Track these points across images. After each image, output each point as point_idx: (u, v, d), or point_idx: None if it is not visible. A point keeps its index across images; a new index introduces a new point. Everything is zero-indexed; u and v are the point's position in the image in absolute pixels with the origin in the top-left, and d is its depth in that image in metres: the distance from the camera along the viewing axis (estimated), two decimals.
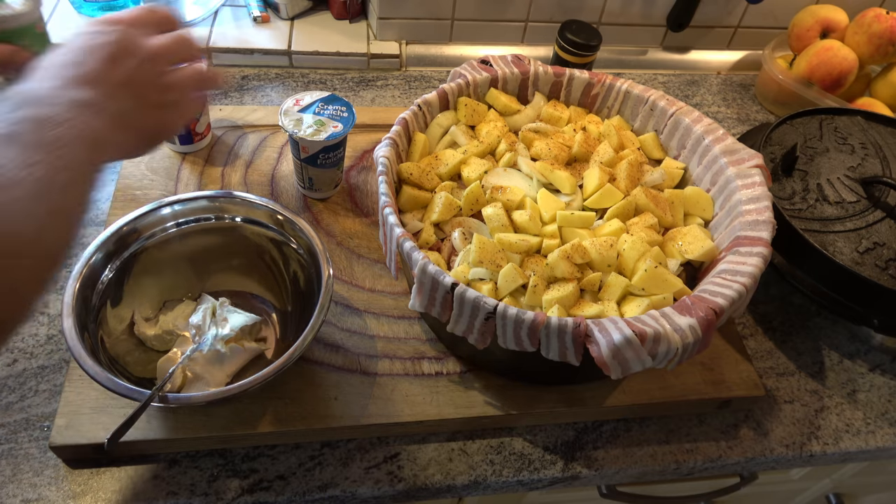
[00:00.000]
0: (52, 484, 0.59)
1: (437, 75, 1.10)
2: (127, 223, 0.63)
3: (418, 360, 0.68)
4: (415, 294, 0.58)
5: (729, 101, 1.15)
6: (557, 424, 0.69)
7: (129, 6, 1.04)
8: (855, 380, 0.78)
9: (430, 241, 0.65)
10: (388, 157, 0.65)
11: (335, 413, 0.63)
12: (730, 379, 0.71)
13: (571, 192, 0.69)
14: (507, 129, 0.75)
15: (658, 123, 0.76)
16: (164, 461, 0.61)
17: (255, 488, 0.61)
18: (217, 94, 0.99)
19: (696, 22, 1.14)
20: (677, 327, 0.53)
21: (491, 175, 0.69)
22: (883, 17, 1.00)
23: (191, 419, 0.61)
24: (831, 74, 1.03)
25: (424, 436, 0.66)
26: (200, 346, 0.63)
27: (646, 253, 0.61)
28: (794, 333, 0.81)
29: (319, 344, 0.68)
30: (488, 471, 0.65)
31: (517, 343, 0.55)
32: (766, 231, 0.61)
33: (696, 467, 0.69)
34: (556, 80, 0.78)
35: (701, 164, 0.71)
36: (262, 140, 0.89)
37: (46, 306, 0.71)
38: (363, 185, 0.86)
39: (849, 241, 0.72)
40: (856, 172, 0.79)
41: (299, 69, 1.06)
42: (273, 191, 0.83)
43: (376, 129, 0.93)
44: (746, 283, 0.56)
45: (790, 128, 0.84)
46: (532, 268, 0.61)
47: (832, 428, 0.73)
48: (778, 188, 0.77)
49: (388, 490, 0.62)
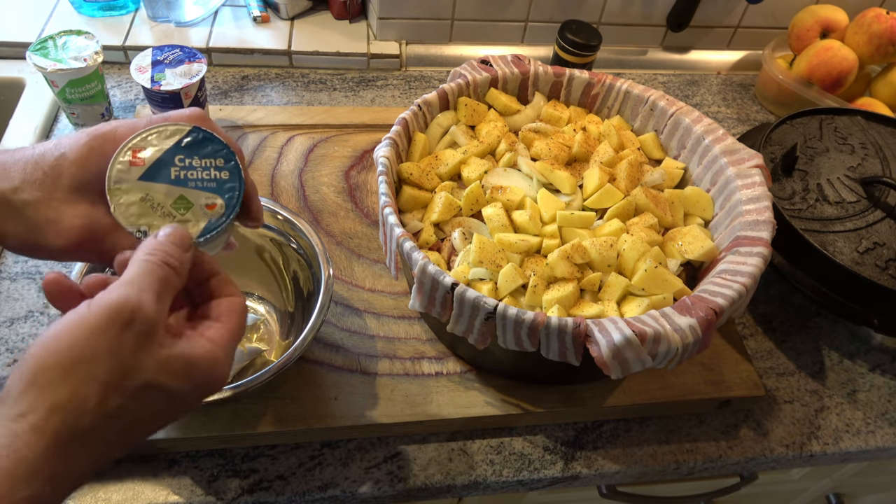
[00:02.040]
0: None
1: (437, 75, 1.10)
2: None
3: (418, 360, 0.68)
4: (415, 294, 0.58)
5: (729, 101, 1.15)
6: (557, 424, 0.69)
7: (128, 7, 1.05)
8: (855, 380, 0.78)
9: (430, 241, 0.65)
10: (388, 157, 0.65)
11: (335, 413, 0.63)
12: (730, 379, 0.71)
13: (571, 192, 0.69)
14: (507, 129, 0.75)
15: (658, 123, 0.76)
16: (164, 461, 0.61)
17: (255, 488, 0.61)
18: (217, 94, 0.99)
19: (696, 22, 1.14)
20: (677, 327, 0.53)
21: (491, 175, 0.69)
22: (883, 17, 1.00)
23: (191, 419, 0.61)
24: (831, 74, 1.03)
25: (424, 436, 0.66)
26: None
27: (646, 253, 0.61)
28: (794, 333, 0.81)
29: (319, 344, 0.68)
30: (488, 471, 0.65)
31: (517, 343, 0.55)
32: (766, 231, 0.61)
33: (696, 467, 0.69)
34: (556, 80, 0.78)
35: (701, 164, 0.71)
36: (262, 140, 0.89)
37: (47, 306, 0.71)
38: (363, 185, 0.86)
39: (849, 241, 0.72)
40: (856, 172, 0.79)
41: (299, 69, 1.06)
42: (273, 191, 0.83)
43: (376, 129, 0.93)
44: (746, 283, 0.56)
45: (790, 128, 0.84)
46: (532, 268, 0.61)
47: (832, 428, 0.73)
48: (778, 188, 0.77)
49: (388, 490, 0.62)
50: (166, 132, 0.43)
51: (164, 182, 0.43)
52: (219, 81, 1.01)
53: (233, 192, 0.44)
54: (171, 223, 0.42)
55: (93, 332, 0.33)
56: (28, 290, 0.72)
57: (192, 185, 0.43)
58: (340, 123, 0.93)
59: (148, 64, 0.80)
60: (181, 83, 0.78)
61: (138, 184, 0.42)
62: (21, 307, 0.71)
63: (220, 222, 0.43)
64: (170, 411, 0.37)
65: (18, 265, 0.74)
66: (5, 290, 0.72)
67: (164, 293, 0.37)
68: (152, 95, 0.79)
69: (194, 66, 0.81)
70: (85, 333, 0.33)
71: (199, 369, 0.37)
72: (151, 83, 0.78)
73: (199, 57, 0.82)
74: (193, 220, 0.43)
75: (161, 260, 0.38)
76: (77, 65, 0.80)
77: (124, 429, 0.35)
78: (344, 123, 0.93)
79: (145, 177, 0.42)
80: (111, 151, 0.41)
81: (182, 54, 0.82)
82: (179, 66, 0.80)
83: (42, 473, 0.31)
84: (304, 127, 0.92)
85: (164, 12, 1.03)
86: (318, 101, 1.01)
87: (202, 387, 0.38)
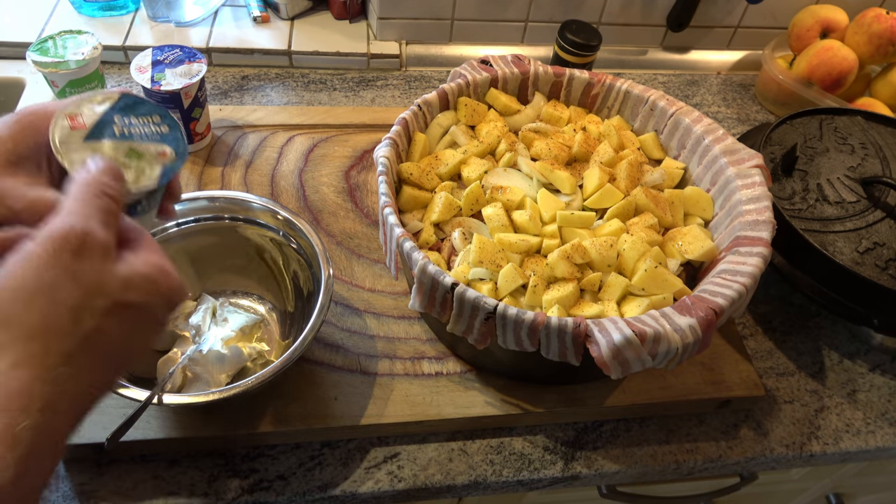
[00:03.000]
0: (52, 484, 0.59)
1: (437, 75, 1.10)
2: None
3: (418, 360, 0.68)
4: (415, 294, 0.58)
5: (729, 101, 1.15)
6: (557, 424, 0.69)
7: (128, 7, 1.05)
8: (855, 380, 0.78)
9: (430, 241, 0.65)
10: (388, 157, 0.65)
11: (335, 413, 0.63)
12: (730, 379, 0.71)
13: (571, 192, 0.69)
14: (507, 129, 0.75)
15: (658, 123, 0.76)
16: (164, 461, 0.61)
17: (255, 488, 0.61)
18: (217, 94, 0.99)
19: (696, 22, 1.14)
20: (677, 327, 0.53)
21: (491, 175, 0.69)
22: (883, 17, 1.00)
23: (191, 419, 0.61)
24: (831, 74, 1.03)
25: (424, 436, 0.66)
26: (200, 346, 0.63)
27: (646, 253, 0.61)
28: (794, 333, 0.81)
29: (319, 344, 0.68)
30: (488, 471, 0.65)
31: (517, 343, 0.55)
32: (766, 231, 0.61)
33: (696, 467, 0.69)
34: (556, 80, 0.78)
35: (701, 164, 0.71)
36: (262, 140, 0.89)
37: None
38: (363, 185, 0.86)
39: (849, 241, 0.72)
40: (856, 172, 0.79)
41: (299, 69, 1.06)
42: (273, 191, 0.83)
43: (376, 129, 0.93)
44: (746, 283, 0.56)
45: (790, 128, 0.84)
46: (532, 268, 0.61)
47: (832, 428, 0.73)
48: (778, 188, 0.77)
49: (388, 490, 0.62)
50: (97, 100, 0.44)
51: (110, 139, 0.43)
52: (219, 81, 1.01)
53: (178, 141, 0.45)
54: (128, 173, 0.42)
55: (44, 262, 0.33)
56: None
57: (137, 139, 0.44)
58: (340, 123, 0.93)
59: (148, 64, 0.80)
60: (181, 83, 0.78)
61: (84, 143, 0.42)
62: None
63: (174, 166, 0.44)
64: (145, 327, 0.38)
65: None
66: None
67: (109, 221, 0.37)
68: (152, 95, 0.79)
69: (194, 66, 0.81)
70: (36, 264, 0.33)
71: (160, 283, 0.38)
72: (151, 83, 0.78)
73: (199, 57, 0.82)
74: (149, 168, 0.43)
75: (100, 191, 0.38)
76: (77, 64, 0.80)
77: (108, 352, 0.35)
78: (344, 123, 0.93)
79: (90, 137, 0.42)
80: (44, 126, 0.41)
81: (182, 54, 0.82)
82: (179, 66, 0.80)
83: (37, 403, 0.32)
84: (304, 127, 0.92)
85: (164, 12, 1.03)
86: (318, 101, 1.01)
87: (167, 295, 0.38)
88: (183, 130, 0.46)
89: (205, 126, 0.85)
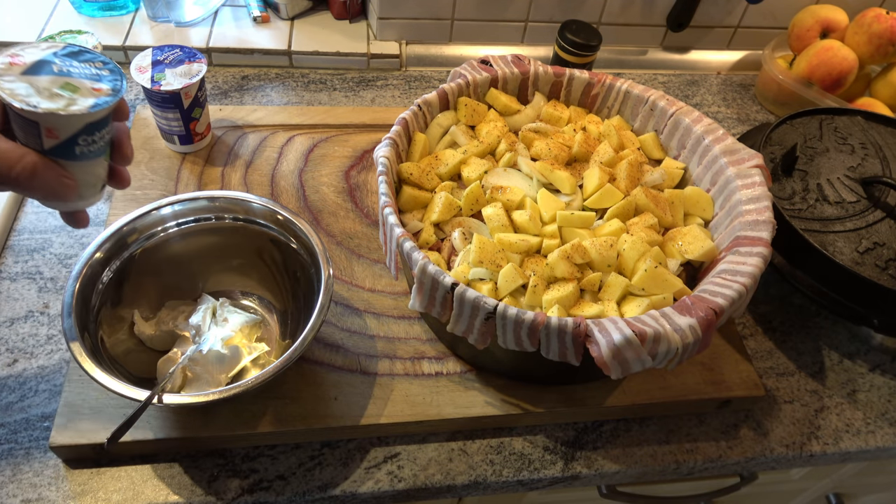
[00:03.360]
0: (52, 484, 0.59)
1: (437, 75, 1.10)
2: (127, 223, 0.63)
3: (418, 360, 0.68)
4: (415, 294, 0.58)
5: (729, 101, 1.15)
6: (557, 424, 0.69)
7: (128, 7, 1.05)
8: (855, 380, 0.78)
9: (430, 241, 0.65)
10: (388, 157, 0.65)
11: (335, 413, 0.63)
12: (730, 379, 0.71)
13: (571, 192, 0.69)
14: (507, 129, 0.75)
15: (658, 123, 0.76)
16: (164, 461, 0.61)
17: (255, 488, 0.61)
18: (217, 94, 0.99)
19: (696, 22, 1.14)
20: (677, 327, 0.53)
21: (491, 175, 0.69)
22: (883, 17, 1.00)
23: (191, 419, 0.61)
24: (831, 74, 1.03)
25: (424, 436, 0.66)
26: (200, 346, 0.63)
27: (646, 253, 0.61)
28: (794, 333, 0.81)
29: (319, 344, 0.68)
30: (488, 471, 0.65)
31: (517, 343, 0.55)
32: (766, 231, 0.61)
33: (696, 467, 0.69)
34: (556, 80, 0.78)
35: (701, 164, 0.71)
36: (262, 140, 0.89)
37: (47, 306, 0.71)
38: (363, 185, 0.86)
39: (849, 241, 0.72)
40: (856, 172, 0.79)
41: (299, 69, 1.06)
42: (273, 191, 0.83)
43: (376, 129, 0.93)
44: (746, 283, 0.56)
45: (790, 128, 0.84)
46: (532, 268, 0.61)
47: (832, 428, 0.73)
48: (778, 188, 0.77)
49: (388, 490, 0.62)
50: (41, 47, 0.45)
51: (47, 75, 0.44)
52: (219, 81, 1.01)
53: (117, 81, 0.46)
54: (59, 101, 0.44)
55: None
56: (28, 290, 0.72)
57: (76, 76, 0.45)
58: (340, 123, 0.93)
59: (148, 64, 0.80)
60: (181, 83, 0.78)
61: (22, 77, 0.44)
62: (21, 307, 0.71)
63: (108, 100, 0.45)
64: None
65: (18, 265, 0.74)
66: (5, 290, 0.72)
67: None
68: (152, 95, 0.79)
69: (194, 66, 0.81)
70: None
71: None
72: (151, 83, 0.78)
73: (199, 57, 0.82)
74: (81, 99, 0.44)
75: None
76: None
77: None
78: (344, 123, 0.93)
79: (28, 73, 0.44)
80: None
81: (182, 54, 0.82)
82: (179, 66, 0.80)
83: None
84: (304, 127, 0.92)
85: (164, 12, 1.03)
86: (318, 101, 1.01)
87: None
88: (124, 75, 0.48)
89: (205, 126, 0.85)
